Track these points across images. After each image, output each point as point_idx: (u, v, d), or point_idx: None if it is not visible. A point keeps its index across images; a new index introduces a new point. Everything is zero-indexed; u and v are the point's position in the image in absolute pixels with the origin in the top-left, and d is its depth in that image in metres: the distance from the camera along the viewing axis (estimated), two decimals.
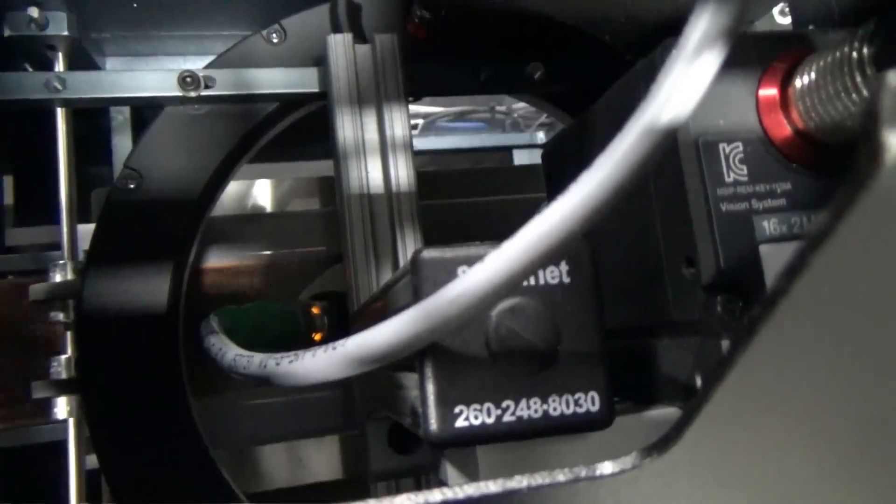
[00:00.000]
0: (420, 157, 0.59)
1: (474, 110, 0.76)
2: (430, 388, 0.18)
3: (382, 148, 0.38)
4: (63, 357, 0.36)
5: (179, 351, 0.37)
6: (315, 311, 0.41)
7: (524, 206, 0.51)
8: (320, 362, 0.19)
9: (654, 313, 0.27)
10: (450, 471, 0.22)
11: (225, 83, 0.39)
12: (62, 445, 0.37)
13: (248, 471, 0.49)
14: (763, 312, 0.13)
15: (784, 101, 0.24)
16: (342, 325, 0.40)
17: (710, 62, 0.14)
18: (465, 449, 0.21)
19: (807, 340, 0.13)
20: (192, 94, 0.38)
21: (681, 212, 0.24)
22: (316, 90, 0.40)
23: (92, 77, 0.38)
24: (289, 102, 0.40)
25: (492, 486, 0.15)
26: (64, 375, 0.36)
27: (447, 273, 0.18)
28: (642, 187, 0.26)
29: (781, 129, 0.24)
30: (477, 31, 0.42)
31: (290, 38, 0.40)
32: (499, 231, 0.15)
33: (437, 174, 0.63)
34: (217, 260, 0.44)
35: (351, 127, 0.38)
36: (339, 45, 0.39)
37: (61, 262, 0.37)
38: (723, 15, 0.14)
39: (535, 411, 0.18)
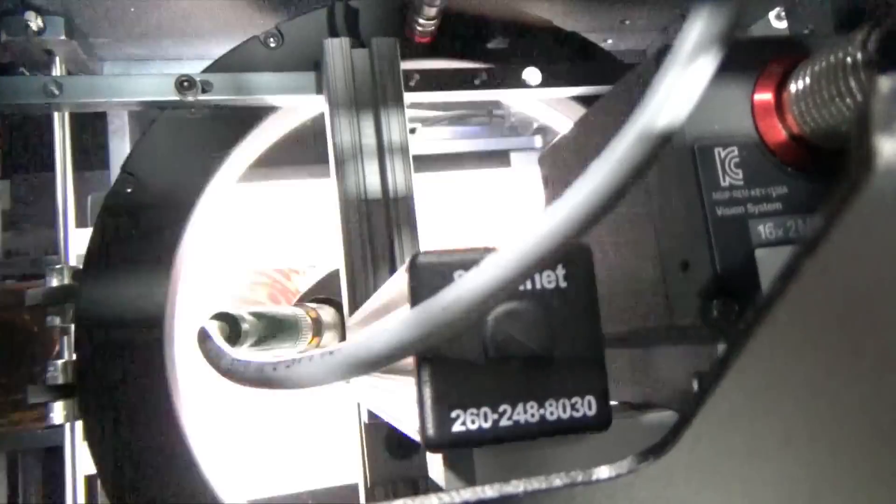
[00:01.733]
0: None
1: (472, 114, 0.76)
2: (427, 393, 0.18)
3: (380, 152, 0.38)
4: (60, 362, 0.36)
5: (176, 356, 0.37)
6: (312, 315, 0.41)
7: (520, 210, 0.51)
8: (317, 367, 0.19)
9: (650, 317, 0.27)
10: (447, 475, 0.22)
11: (222, 87, 0.39)
12: (59, 450, 0.37)
13: (244, 476, 0.49)
14: (758, 316, 0.13)
15: (779, 106, 0.24)
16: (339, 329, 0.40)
17: (705, 67, 0.14)
18: (462, 453, 0.21)
19: (802, 343, 0.13)
20: (190, 98, 0.38)
21: (676, 216, 0.24)
22: (313, 94, 0.40)
23: (89, 81, 0.38)
24: (286, 106, 0.40)
25: (488, 491, 0.15)
26: (61, 380, 0.36)
27: (444, 277, 0.18)
28: (638, 192, 0.26)
29: (776, 133, 0.24)
30: (475, 35, 0.42)
31: (287, 42, 0.40)
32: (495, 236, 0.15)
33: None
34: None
35: (348, 131, 0.38)
36: (336, 49, 0.39)
37: (58, 266, 0.37)
38: (718, 20, 0.14)
39: (532, 415, 0.18)
